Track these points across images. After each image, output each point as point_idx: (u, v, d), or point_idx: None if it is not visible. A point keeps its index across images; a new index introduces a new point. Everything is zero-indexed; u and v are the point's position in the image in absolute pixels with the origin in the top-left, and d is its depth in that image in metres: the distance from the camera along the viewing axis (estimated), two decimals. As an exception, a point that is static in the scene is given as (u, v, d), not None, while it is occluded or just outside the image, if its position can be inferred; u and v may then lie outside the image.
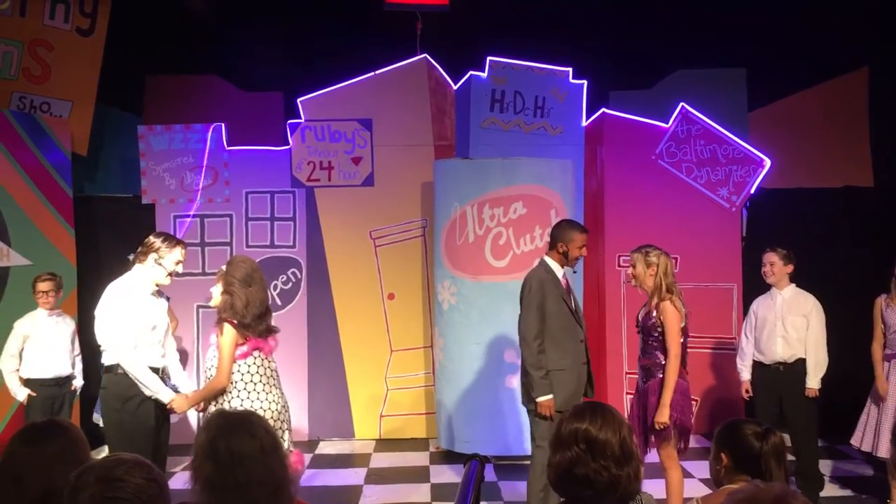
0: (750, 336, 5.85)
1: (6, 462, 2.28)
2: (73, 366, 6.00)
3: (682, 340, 4.86)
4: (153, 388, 4.52)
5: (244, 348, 4.42)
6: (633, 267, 4.96)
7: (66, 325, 5.97)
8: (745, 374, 5.85)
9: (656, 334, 4.86)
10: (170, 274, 4.66)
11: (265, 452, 2.19)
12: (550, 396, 4.82)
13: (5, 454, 2.30)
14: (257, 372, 4.46)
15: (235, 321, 4.39)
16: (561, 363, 4.90)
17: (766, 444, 2.56)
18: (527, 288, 4.97)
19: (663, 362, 4.85)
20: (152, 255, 4.61)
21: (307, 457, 6.96)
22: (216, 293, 4.52)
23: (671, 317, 4.79)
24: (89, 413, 6.33)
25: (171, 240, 4.69)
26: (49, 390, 5.77)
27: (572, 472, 2.19)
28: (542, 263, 5.06)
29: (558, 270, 5.02)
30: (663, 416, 4.77)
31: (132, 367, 4.49)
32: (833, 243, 7.40)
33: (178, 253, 4.67)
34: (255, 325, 4.45)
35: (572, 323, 4.99)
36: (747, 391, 5.88)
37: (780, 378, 5.66)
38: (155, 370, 4.62)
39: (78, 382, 6.08)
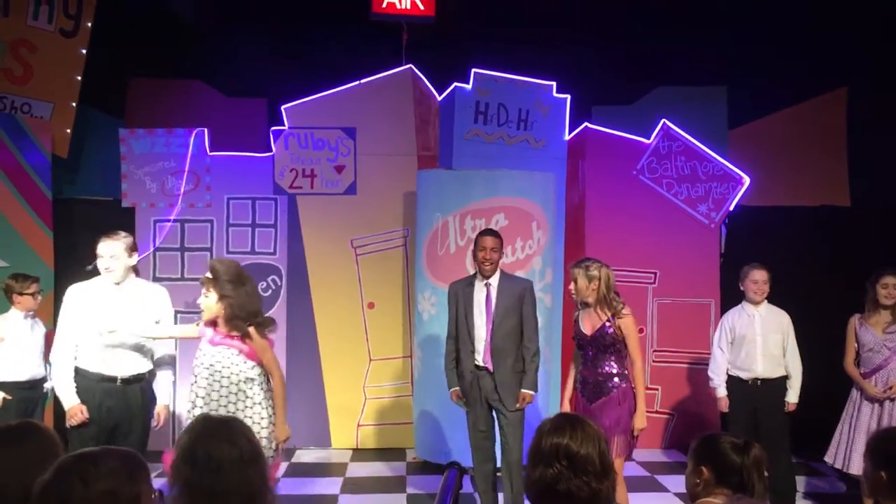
0: (725, 350, 5.83)
1: None
2: (45, 368, 5.93)
3: None
4: (58, 391, 4.66)
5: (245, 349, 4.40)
6: (575, 282, 5.00)
7: (39, 328, 5.91)
8: (722, 390, 5.81)
9: (618, 346, 4.94)
10: (106, 269, 4.71)
11: (244, 462, 2.16)
12: (453, 388, 5.43)
13: None
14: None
15: (253, 324, 4.36)
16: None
17: (747, 457, 2.56)
18: None
19: (615, 371, 4.93)
20: None
21: (283, 465, 6.93)
22: (209, 303, 4.39)
23: (634, 327, 5.00)
24: (62, 414, 6.24)
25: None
26: (23, 392, 5.69)
27: (554, 489, 2.19)
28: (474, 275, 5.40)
29: (478, 281, 5.29)
30: (643, 421, 4.88)
31: (53, 364, 4.71)
32: (809, 262, 7.47)
33: (98, 248, 4.72)
34: (266, 324, 4.47)
35: (464, 332, 5.25)
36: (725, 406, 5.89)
37: (757, 392, 5.67)
38: (111, 379, 4.58)
39: (49, 385, 6.00)
